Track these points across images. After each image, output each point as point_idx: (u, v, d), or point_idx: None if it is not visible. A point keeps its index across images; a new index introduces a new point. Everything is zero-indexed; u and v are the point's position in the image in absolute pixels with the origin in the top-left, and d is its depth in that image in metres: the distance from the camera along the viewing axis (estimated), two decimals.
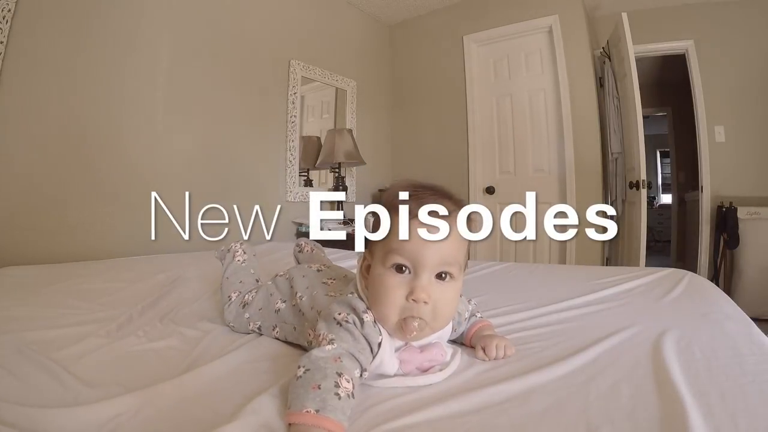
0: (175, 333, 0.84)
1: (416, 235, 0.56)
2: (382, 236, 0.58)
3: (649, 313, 0.89)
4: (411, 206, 0.56)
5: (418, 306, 0.55)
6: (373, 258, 0.60)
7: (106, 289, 1.21)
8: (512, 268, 1.51)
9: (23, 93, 1.64)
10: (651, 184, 4.64)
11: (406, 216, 0.56)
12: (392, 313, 0.56)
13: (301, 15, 2.87)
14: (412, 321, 0.56)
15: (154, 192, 1.20)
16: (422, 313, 0.56)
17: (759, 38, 2.95)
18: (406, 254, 0.56)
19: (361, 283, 0.63)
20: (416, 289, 0.55)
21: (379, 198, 0.64)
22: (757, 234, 2.81)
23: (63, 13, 1.74)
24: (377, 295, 0.57)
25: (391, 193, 0.61)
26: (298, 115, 2.80)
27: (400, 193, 0.59)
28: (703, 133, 3.12)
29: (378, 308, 0.58)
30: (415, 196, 0.58)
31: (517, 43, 3.09)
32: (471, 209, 0.60)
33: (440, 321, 0.59)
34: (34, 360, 0.66)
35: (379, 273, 0.58)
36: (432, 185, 0.62)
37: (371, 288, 0.59)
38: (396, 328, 0.57)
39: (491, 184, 3.20)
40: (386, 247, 0.57)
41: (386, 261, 0.57)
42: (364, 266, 0.63)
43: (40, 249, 1.67)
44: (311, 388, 0.45)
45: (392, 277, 0.57)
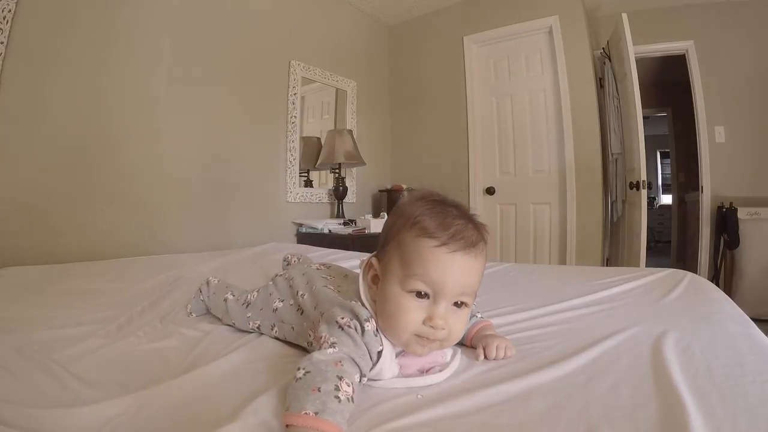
0: (175, 333, 0.84)
1: (441, 263, 0.54)
2: (402, 253, 0.57)
3: (650, 313, 0.89)
4: (438, 232, 0.55)
5: (435, 332, 0.55)
6: (387, 272, 0.58)
7: (106, 289, 1.21)
8: (512, 268, 1.51)
9: (23, 93, 1.64)
10: (651, 184, 4.65)
11: (434, 242, 0.55)
12: (406, 334, 0.56)
13: (301, 16, 2.87)
14: (430, 344, 0.57)
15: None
16: (438, 337, 0.56)
17: (759, 39, 2.95)
18: (429, 281, 0.55)
19: (365, 291, 0.61)
20: (435, 316, 0.55)
21: (397, 206, 0.62)
22: (758, 234, 2.81)
23: (63, 13, 1.74)
24: (392, 316, 0.56)
25: (414, 207, 0.58)
26: (299, 115, 2.81)
27: (424, 209, 0.57)
28: (703, 134, 3.12)
29: (392, 328, 0.57)
30: (442, 219, 0.56)
31: (517, 43, 3.09)
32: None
33: (451, 342, 0.59)
34: (34, 360, 0.66)
35: (396, 294, 0.56)
36: (455, 203, 0.60)
37: (384, 306, 0.57)
38: (406, 344, 0.57)
39: (491, 185, 3.20)
40: (408, 269, 0.56)
41: (406, 284, 0.55)
42: (371, 275, 0.61)
43: (40, 249, 1.67)
44: (311, 391, 0.45)
45: (411, 301, 0.55)
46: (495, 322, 0.80)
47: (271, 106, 2.68)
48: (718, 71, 3.07)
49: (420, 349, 0.57)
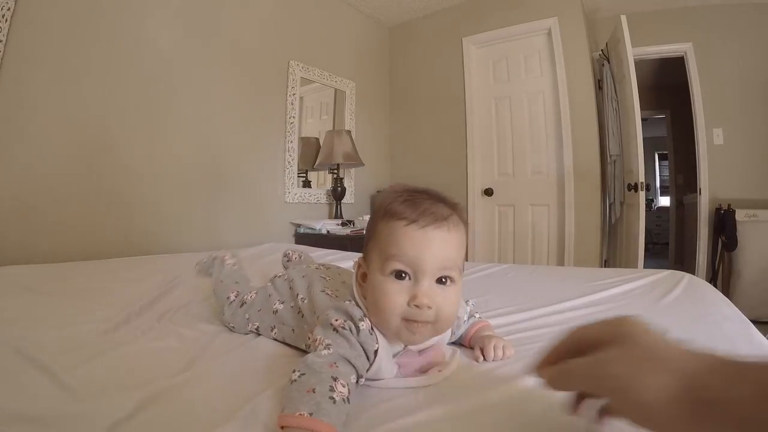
0: (173, 333, 0.84)
1: (415, 240, 0.55)
2: (378, 242, 0.57)
3: (648, 314, 0.88)
4: (407, 211, 0.56)
5: (421, 311, 0.54)
6: (370, 266, 0.59)
7: (104, 289, 1.20)
8: (511, 269, 1.51)
9: (22, 92, 1.63)
10: (649, 186, 4.67)
11: (404, 221, 0.55)
12: (394, 319, 0.55)
13: (300, 16, 2.87)
14: (421, 328, 0.55)
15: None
16: (426, 317, 0.55)
17: (757, 41, 2.97)
18: (406, 260, 0.55)
19: (357, 290, 0.61)
20: (418, 294, 0.54)
21: (373, 203, 0.63)
22: (755, 236, 2.81)
23: (63, 13, 1.74)
24: (377, 302, 0.56)
25: (385, 199, 0.60)
26: (297, 116, 2.81)
27: (394, 197, 0.58)
28: (701, 136, 3.13)
29: (379, 315, 0.56)
30: (411, 201, 0.57)
31: (516, 45, 3.10)
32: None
33: (443, 324, 0.58)
34: (32, 360, 0.65)
35: (378, 281, 0.56)
36: (425, 189, 0.61)
37: (370, 296, 0.58)
38: (397, 332, 0.56)
39: (490, 186, 3.20)
40: (384, 254, 0.56)
41: (385, 268, 0.56)
42: (360, 274, 0.62)
43: (38, 249, 1.66)
44: (306, 392, 0.45)
45: (392, 284, 0.55)
46: (494, 322, 0.80)
47: (270, 106, 2.68)
48: (716, 73, 3.08)
49: (411, 336, 0.56)
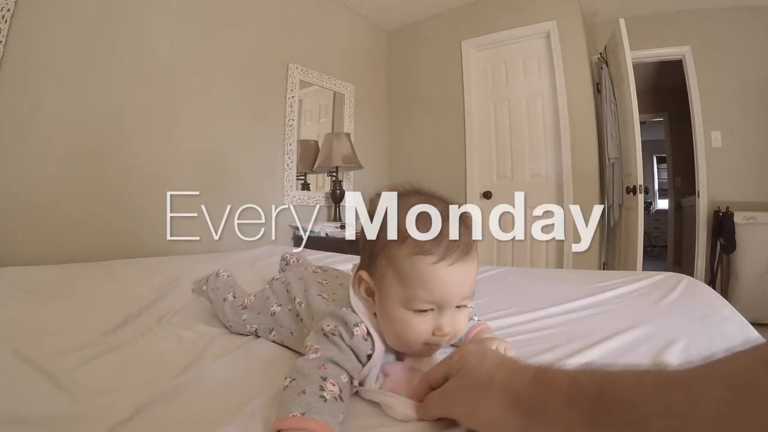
0: (172, 335, 0.84)
1: (444, 281, 0.54)
2: (399, 274, 0.55)
3: (647, 316, 0.88)
4: (434, 248, 0.53)
5: (444, 338, 0.57)
6: (383, 290, 0.56)
7: (103, 290, 1.20)
8: (510, 272, 1.51)
9: (22, 93, 1.63)
10: (648, 189, 4.67)
11: (431, 258, 0.53)
12: (417, 346, 0.57)
13: (299, 19, 2.88)
14: (438, 346, 0.59)
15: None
16: (447, 341, 0.58)
17: (755, 44, 2.98)
18: (434, 299, 0.54)
19: (357, 301, 0.60)
20: (443, 326, 0.55)
21: (370, 206, 0.59)
22: (754, 238, 2.82)
23: (62, 13, 1.74)
24: (400, 333, 0.56)
25: (401, 215, 0.55)
26: (296, 118, 2.81)
27: (404, 208, 0.55)
28: (699, 139, 3.14)
29: (400, 341, 0.57)
30: (426, 221, 0.54)
31: (515, 48, 3.11)
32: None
33: (456, 337, 0.60)
34: (30, 361, 0.65)
35: (401, 314, 0.55)
36: (442, 197, 0.59)
37: (388, 324, 0.57)
38: (416, 353, 0.59)
39: (488, 189, 3.20)
40: (409, 290, 0.54)
41: (410, 305, 0.54)
42: (363, 289, 0.60)
43: (38, 249, 1.66)
44: (297, 394, 0.45)
45: (417, 317, 0.55)
46: (493, 324, 0.79)
47: (269, 109, 2.68)
48: (714, 76, 3.09)
49: (428, 353, 0.60)
